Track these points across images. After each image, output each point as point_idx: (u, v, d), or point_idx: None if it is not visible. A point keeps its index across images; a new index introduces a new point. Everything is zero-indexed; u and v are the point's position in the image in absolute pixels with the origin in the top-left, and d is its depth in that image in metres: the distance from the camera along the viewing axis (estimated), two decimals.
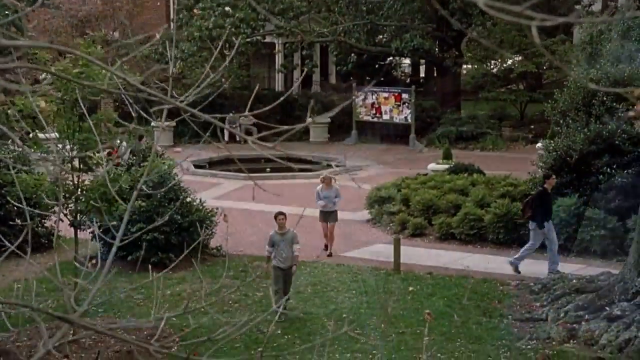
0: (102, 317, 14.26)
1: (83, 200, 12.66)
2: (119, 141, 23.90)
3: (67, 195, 12.52)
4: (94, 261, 4.47)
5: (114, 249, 3.61)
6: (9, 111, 12.13)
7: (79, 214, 12.82)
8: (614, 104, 17.42)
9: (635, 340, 12.24)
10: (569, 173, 17.92)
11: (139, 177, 13.59)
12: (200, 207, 17.48)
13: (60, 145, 12.47)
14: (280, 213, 14.53)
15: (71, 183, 12.75)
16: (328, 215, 18.01)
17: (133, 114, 4.97)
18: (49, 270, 16.75)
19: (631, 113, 13.69)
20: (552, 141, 18.43)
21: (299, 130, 31.81)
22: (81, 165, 12.57)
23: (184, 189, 17.43)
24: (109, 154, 23.97)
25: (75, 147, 12.42)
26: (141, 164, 17.04)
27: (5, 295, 15.42)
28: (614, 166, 17.22)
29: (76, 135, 12.18)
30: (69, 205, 12.86)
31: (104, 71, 12.79)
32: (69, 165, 12.57)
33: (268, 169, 29.04)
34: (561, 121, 18.54)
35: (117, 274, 16.45)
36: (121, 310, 14.64)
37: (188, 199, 17.37)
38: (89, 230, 17.08)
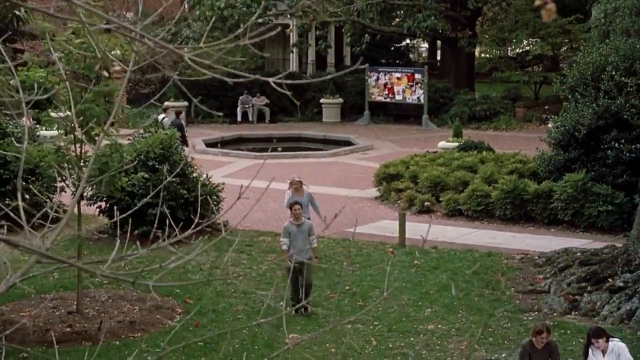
0: (107, 289, 14.39)
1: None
2: (161, 115, 24.23)
3: (70, 166, 12.58)
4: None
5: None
6: (11, 82, 12.18)
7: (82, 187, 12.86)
8: (623, 78, 17.25)
9: (637, 312, 12.18)
10: (576, 148, 17.80)
11: (141, 148, 13.73)
12: (207, 183, 17.52)
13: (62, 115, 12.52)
14: (296, 203, 13.51)
15: (74, 154, 12.81)
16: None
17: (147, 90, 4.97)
18: (57, 245, 16.98)
19: None
20: (560, 117, 18.31)
21: (311, 111, 32.12)
22: (84, 137, 12.60)
23: (190, 164, 17.48)
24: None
25: (77, 119, 12.44)
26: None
27: (13, 266, 15.57)
28: (622, 141, 17.09)
29: (78, 106, 12.20)
30: (72, 176, 12.92)
31: (108, 43, 12.85)
32: (72, 136, 12.62)
33: (279, 149, 29.11)
34: (570, 97, 18.39)
35: (123, 246, 16.56)
36: (127, 283, 14.72)
37: (194, 174, 17.41)
38: (95, 206, 17.26)
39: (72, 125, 12.39)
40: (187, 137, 24.62)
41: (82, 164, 12.82)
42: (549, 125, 25.48)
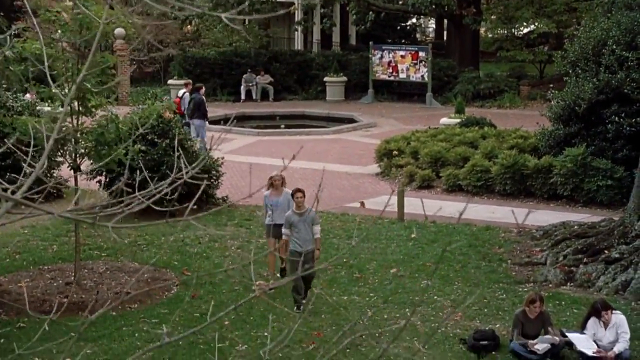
0: (105, 261, 14.46)
1: (82, 143, 12.75)
2: (182, 91, 24.29)
3: (66, 137, 12.60)
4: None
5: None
6: (7, 53, 12.20)
7: (78, 157, 12.90)
8: (624, 52, 17.15)
9: (632, 283, 12.18)
10: (577, 123, 17.75)
11: (138, 120, 13.72)
12: (206, 157, 17.52)
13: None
14: (298, 190, 12.34)
15: (71, 126, 12.83)
16: (278, 230, 12.70)
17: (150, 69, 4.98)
18: (56, 219, 17.05)
19: None
20: (561, 91, 18.24)
21: (315, 89, 32.06)
22: (80, 108, 12.63)
23: (189, 139, 17.49)
24: (174, 103, 24.28)
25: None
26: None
27: (13, 239, 15.68)
28: (622, 115, 17.01)
29: (73, 77, 12.22)
30: (69, 148, 12.96)
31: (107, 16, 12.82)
32: (68, 107, 12.62)
33: (282, 126, 29.13)
34: (571, 72, 18.31)
35: (122, 221, 16.62)
36: (124, 254, 14.80)
37: (194, 148, 17.44)
38: (95, 180, 17.30)
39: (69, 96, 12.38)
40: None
41: (78, 135, 12.85)
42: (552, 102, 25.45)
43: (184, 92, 23.75)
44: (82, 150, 12.86)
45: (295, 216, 12.15)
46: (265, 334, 11.50)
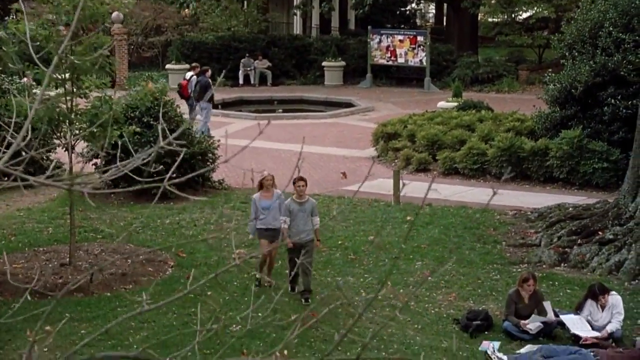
0: (100, 242, 14.48)
1: (76, 124, 12.75)
2: (189, 73, 24.36)
3: (60, 118, 12.60)
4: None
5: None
6: (0, 34, 12.19)
7: (72, 138, 12.90)
8: (621, 34, 17.11)
9: (625, 263, 12.20)
10: (573, 105, 17.73)
11: (132, 102, 13.74)
12: (202, 140, 17.53)
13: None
14: (300, 179, 11.99)
15: (65, 107, 12.82)
16: (271, 234, 12.22)
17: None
18: (52, 202, 17.07)
19: None
20: (557, 74, 18.21)
21: (313, 74, 32.14)
22: (74, 89, 12.61)
23: (185, 120, 17.47)
24: (180, 85, 24.39)
25: (67, 71, 12.45)
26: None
27: (8, 221, 15.70)
28: (619, 97, 16.99)
29: (67, 58, 12.19)
30: (63, 129, 12.96)
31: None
32: (63, 89, 12.62)
33: (280, 110, 29.11)
34: (567, 54, 18.28)
35: (119, 204, 16.66)
36: (120, 237, 14.80)
37: (190, 131, 17.42)
38: (91, 163, 17.28)
39: (62, 77, 12.39)
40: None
41: (72, 116, 12.84)
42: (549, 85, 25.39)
43: (192, 75, 23.96)
44: (77, 132, 12.85)
45: (295, 205, 11.87)
46: (259, 314, 11.55)
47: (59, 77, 12.33)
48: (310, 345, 10.48)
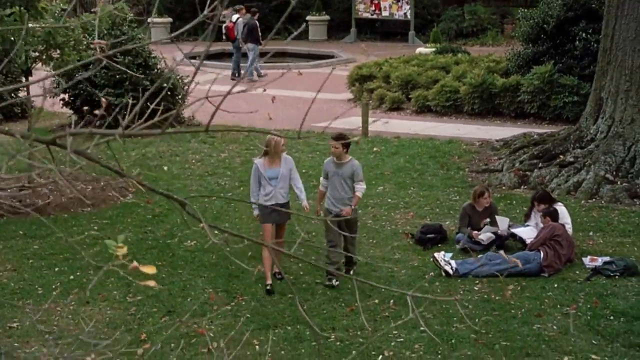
0: (62, 170, 14.39)
1: (32, 46, 12.60)
2: (235, 16, 24.48)
3: (14, 39, 12.44)
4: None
5: None
6: None
7: (29, 61, 12.77)
8: None
9: (583, 183, 12.13)
10: (545, 41, 17.58)
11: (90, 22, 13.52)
12: (172, 75, 17.37)
13: None
14: (339, 137, 9.62)
15: (23, 28, 12.66)
16: (278, 215, 9.69)
17: None
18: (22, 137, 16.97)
19: None
20: (530, 10, 18.06)
21: (297, 29, 31.88)
22: (29, 10, 12.44)
23: (154, 57, 17.34)
24: (226, 28, 24.50)
25: None
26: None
27: None
28: (590, 32, 16.85)
29: None
30: (17, 52, 12.80)
31: None
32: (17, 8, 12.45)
33: (261, 61, 28.88)
34: None
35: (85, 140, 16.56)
36: (83, 167, 14.71)
37: (158, 66, 17.30)
38: (59, 99, 17.19)
39: None
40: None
41: (30, 39, 12.70)
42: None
43: (238, 18, 24.50)
44: (34, 54, 12.73)
45: (331, 165, 9.69)
46: (215, 232, 11.51)
47: None
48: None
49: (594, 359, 7.71)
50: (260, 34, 24.61)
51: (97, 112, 15.89)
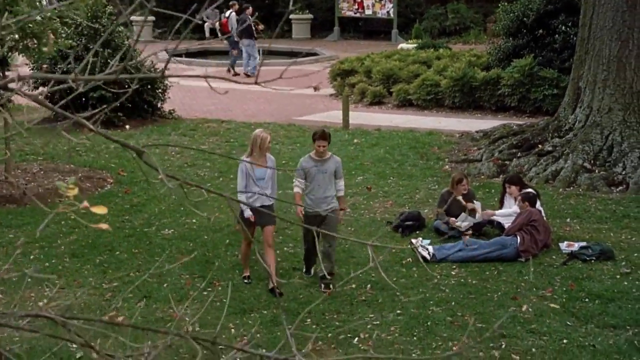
0: (39, 162, 14.32)
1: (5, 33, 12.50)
2: (229, 11, 24.43)
3: None
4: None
5: None
6: None
7: (5, 51, 12.67)
8: None
9: (561, 171, 12.15)
10: (526, 35, 17.63)
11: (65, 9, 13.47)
12: (152, 69, 17.32)
13: None
14: (322, 136, 9.04)
15: None
16: (260, 213, 8.75)
17: None
18: None
19: None
20: (510, 3, 18.11)
21: (281, 28, 31.85)
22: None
23: (134, 49, 17.24)
24: (220, 24, 24.47)
25: None
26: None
27: None
28: (570, 25, 16.91)
29: None
30: None
31: None
32: None
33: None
34: None
35: (64, 131, 16.46)
36: (62, 158, 14.66)
37: (138, 59, 17.20)
38: (37, 92, 17.05)
39: None
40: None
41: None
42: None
43: (230, 12, 24.47)
44: (10, 44, 12.63)
45: (312, 163, 8.99)
46: (193, 220, 11.47)
47: None
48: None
49: (567, 341, 7.72)
50: (254, 28, 24.69)
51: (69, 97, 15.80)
